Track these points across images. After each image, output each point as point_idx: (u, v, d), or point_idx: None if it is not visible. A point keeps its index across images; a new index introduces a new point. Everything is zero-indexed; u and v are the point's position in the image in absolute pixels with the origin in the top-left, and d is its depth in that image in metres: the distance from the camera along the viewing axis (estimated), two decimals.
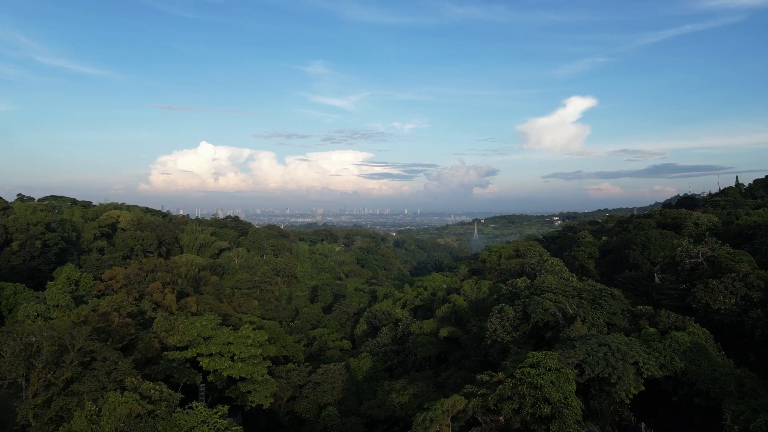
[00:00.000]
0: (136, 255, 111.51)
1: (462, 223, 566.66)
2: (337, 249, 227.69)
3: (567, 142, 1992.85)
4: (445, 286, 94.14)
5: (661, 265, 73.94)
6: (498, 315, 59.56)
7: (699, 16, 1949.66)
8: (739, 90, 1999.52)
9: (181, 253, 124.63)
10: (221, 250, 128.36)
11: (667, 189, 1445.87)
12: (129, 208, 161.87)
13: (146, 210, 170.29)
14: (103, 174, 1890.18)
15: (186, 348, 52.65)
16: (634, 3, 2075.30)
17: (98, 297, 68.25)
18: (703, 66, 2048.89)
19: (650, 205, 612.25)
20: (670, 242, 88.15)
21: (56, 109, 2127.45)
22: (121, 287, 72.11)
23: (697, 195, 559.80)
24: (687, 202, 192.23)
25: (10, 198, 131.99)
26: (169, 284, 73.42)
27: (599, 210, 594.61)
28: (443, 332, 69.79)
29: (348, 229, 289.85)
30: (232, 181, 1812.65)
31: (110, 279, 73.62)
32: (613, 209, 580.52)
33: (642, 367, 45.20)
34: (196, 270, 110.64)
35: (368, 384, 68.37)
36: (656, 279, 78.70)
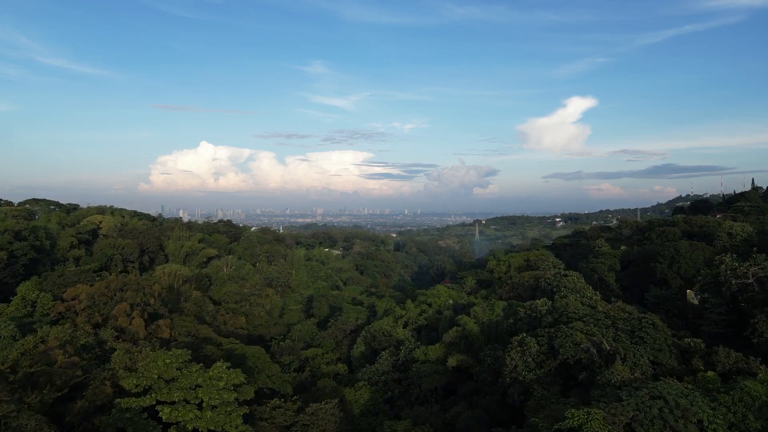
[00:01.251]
0: (115, 265, 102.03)
1: (463, 224, 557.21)
2: (336, 253, 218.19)
3: (567, 143, 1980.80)
4: (451, 302, 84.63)
5: (701, 284, 64.33)
6: (519, 348, 50.04)
7: (699, 17, 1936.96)
8: (739, 90, 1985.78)
9: (166, 261, 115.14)
10: (210, 259, 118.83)
11: (667, 189, 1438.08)
12: (115, 211, 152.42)
13: (134, 214, 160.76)
14: (104, 174, 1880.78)
15: (144, 393, 43.14)
16: (634, 3, 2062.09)
17: (55, 322, 58.78)
18: (703, 66, 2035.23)
19: (653, 206, 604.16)
20: (702, 255, 78.68)
21: (56, 109, 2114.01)
22: (84, 309, 62.58)
23: (702, 196, 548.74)
24: (701, 205, 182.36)
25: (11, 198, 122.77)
26: (138, 305, 63.80)
27: (602, 211, 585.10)
28: (452, 361, 60.30)
29: (347, 231, 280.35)
30: (232, 181, 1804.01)
31: (72, 299, 64.06)
32: (615, 210, 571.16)
33: (707, 427, 35.76)
34: (180, 282, 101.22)
35: (366, 420, 58.91)
36: (692, 299, 69.16)
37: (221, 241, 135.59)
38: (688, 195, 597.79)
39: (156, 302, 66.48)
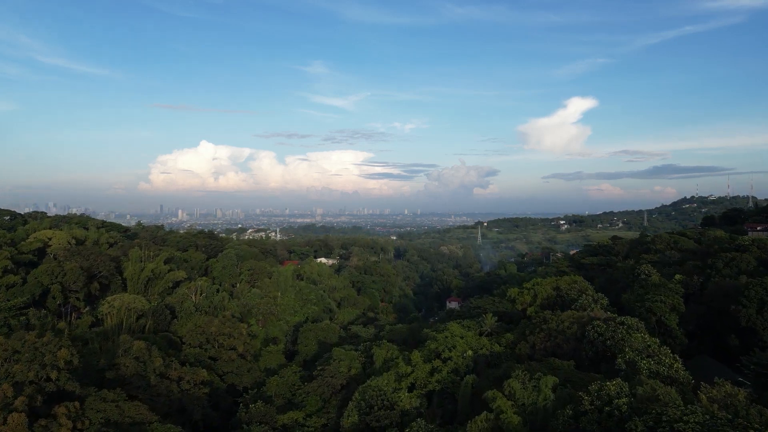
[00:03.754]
0: (53, 298, 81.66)
1: (464, 226, 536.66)
2: (330, 263, 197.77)
3: (567, 143, 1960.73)
4: (470, 353, 64.36)
5: None
6: None
7: (699, 17, 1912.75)
8: (739, 91, 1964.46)
9: (124, 289, 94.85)
10: (178, 283, 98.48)
11: (667, 190, 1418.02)
12: (80, 222, 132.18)
13: (102, 224, 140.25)
14: (104, 173, 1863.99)
15: None
16: (634, 3, 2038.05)
17: None
18: (704, 67, 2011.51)
19: (657, 207, 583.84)
20: None
21: (56, 109, 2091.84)
22: None
23: (707, 197, 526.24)
24: (734, 215, 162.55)
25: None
26: (33, 383, 43.54)
27: (605, 212, 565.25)
28: None
29: (344, 238, 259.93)
30: (232, 180, 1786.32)
31: None
32: (620, 212, 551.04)
33: None
34: (133, 318, 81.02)
35: None
36: None
37: (196, 259, 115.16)
38: (693, 197, 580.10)
39: (62, 376, 46.12)
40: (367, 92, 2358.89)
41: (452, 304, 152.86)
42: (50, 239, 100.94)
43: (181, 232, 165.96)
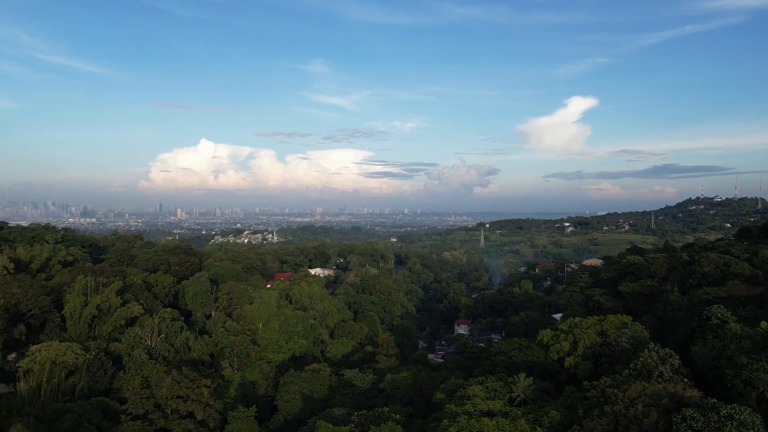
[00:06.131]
0: None
1: (465, 228, 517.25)
2: (326, 273, 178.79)
3: (568, 142, 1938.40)
4: None
5: None
6: None
7: (699, 17, 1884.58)
8: (739, 90, 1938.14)
9: (63, 329, 75.63)
10: (132, 319, 79.22)
11: (667, 189, 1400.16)
12: (31, 238, 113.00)
13: (62, 238, 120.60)
14: (104, 172, 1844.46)
15: None
16: (634, 3, 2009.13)
17: None
18: (704, 67, 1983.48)
19: (662, 208, 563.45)
20: None
21: (57, 107, 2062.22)
22: None
23: (712, 198, 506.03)
24: None
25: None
26: None
27: (609, 214, 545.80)
28: None
29: (342, 245, 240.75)
30: (232, 179, 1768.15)
31: None
32: (624, 213, 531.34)
33: None
34: (62, 376, 61.87)
35: None
36: None
37: (162, 284, 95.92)
38: (698, 197, 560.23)
39: None
40: (368, 91, 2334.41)
41: (461, 328, 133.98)
42: None
43: (159, 244, 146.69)
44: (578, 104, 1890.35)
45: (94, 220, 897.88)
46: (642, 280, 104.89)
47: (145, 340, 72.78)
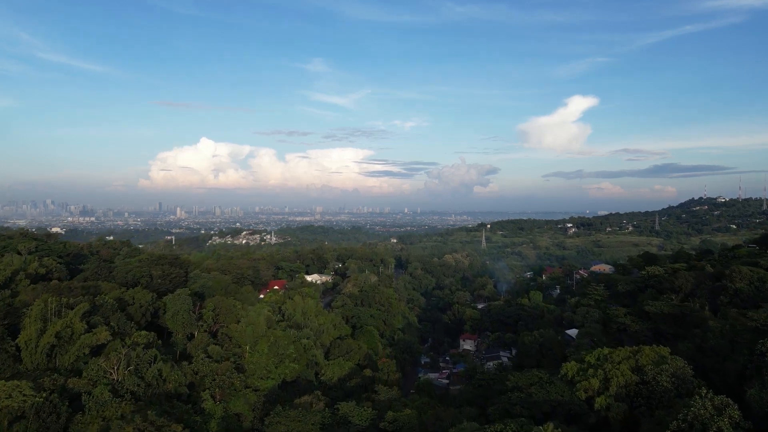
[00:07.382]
0: None
1: (466, 228, 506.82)
2: (323, 279, 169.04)
3: (568, 142, 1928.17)
4: None
5: None
6: None
7: (699, 17, 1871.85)
8: (739, 90, 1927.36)
9: (19, 359, 65.63)
10: (99, 347, 69.19)
11: (667, 189, 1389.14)
12: (18, 243, 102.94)
13: (35, 248, 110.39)
14: (104, 170, 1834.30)
15: None
16: (634, 3, 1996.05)
17: None
18: (704, 66, 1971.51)
19: (664, 209, 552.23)
20: None
21: (57, 106, 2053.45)
22: None
23: (715, 199, 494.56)
24: None
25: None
26: None
27: (611, 214, 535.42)
28: None
29: (341, 249, 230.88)
30: (232, 177, 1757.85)
31: None
32: (626, 213, 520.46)
33: None
34: (5, 422, 51.80)
35: None
36: None
37: (140, 301, 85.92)
38: (701, 198, 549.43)
39: None
40: (368, 90, 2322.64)
41: (466, 343, 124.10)
42: None
43: (145, 253, 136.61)
44: (578, 103, 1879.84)
45: (93, 219, 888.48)
46: (665, 294, 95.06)
47: (110, 374, 62.76)
